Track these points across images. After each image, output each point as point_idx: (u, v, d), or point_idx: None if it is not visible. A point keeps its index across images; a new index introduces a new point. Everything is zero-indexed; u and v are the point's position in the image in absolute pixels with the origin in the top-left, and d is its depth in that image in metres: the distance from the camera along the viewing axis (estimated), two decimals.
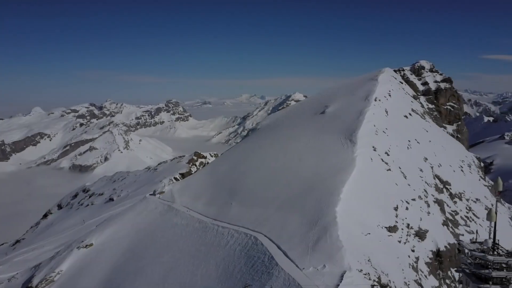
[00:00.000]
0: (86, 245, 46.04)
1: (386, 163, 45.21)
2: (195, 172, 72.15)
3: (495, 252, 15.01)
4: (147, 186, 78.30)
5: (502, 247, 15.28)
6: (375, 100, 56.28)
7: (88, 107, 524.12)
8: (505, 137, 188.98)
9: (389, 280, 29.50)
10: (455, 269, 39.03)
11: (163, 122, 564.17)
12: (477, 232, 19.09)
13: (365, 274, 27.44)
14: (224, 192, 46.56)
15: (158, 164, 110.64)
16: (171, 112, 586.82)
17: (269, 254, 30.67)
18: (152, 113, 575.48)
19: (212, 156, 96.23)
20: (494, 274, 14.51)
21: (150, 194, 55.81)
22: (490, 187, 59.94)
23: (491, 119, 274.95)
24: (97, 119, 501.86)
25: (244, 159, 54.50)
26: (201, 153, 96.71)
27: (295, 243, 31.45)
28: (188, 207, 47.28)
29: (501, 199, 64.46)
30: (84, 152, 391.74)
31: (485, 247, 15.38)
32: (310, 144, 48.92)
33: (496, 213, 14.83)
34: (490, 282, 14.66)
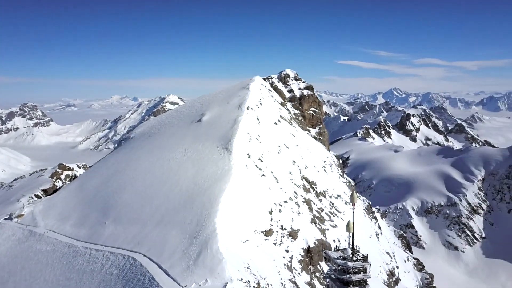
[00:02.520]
0: None
1: (260, 169, 47.81)
2: (60, 188, 65.33)
3: (354, 259, 17.37)
4: (0, 208, 67.95)
5: (359, 253, 17.74)
6: (248, 109, 59.01)
7: None
8: (358, 134, 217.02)
9: (267, 284, 31.38)
10: (326, 274, 43.36)
11: (17, 128, 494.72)
12: (339, 240, 21.70)
13: (245, 282, 28.70)
14: (97, 210, 43.32)
15: (14, 180, 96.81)
16: (28, 117, 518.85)
17: (150, 275, 29.71)
18: (3, 118, 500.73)
19: (80, 168, 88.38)
20: (354, 278, 16.87)
21: (5, 219, 48.58)
22: (347, 183, 68.30)
23: (346, 118, 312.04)
24: None
25: (117, 172, 51.45)
26: (67, 164, 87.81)
27: (176, 259, 31.11)
28: (55, 230, 42.72)
29: (356, 192, 73.96)
30: None
31: (346, 255, 17.68)
32: (188, 154, 48.79)
33: (353, 224, 17.13)
34: (351, 285, 16.97)
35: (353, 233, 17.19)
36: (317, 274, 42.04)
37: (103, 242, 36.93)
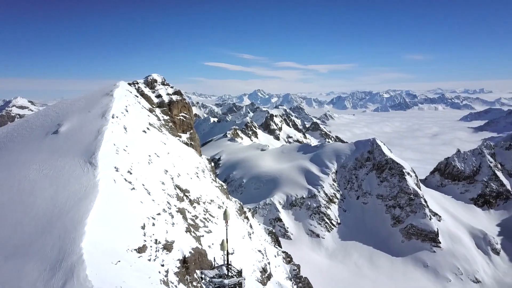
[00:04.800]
0: None
1: (130, 182, 45.60)
2: None
3: (229, 275, 18.07)
4: None
5: (234, 268, 18.49)
6: (113, 117, 55.59)
7: None
8: (227, 135, 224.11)
9: None
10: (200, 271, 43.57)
11: None
12: (214, 259, 22.17)
13: None
14: None
15: None
16: None
17: None
18: None
19: None
20: None
21: None
22: (220, 187, 69.98)
23: (216, 119, 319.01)
24: None
25: None
26: None
27: None
28: None
29: (229, 195, 76.38)
30: None
31: (221, 273, 18.26)
32: (44, 171, 43.61)
33: (227, 242, 17.76)
34: None
35: (227, 251, 17.83)
36: (194, 283, 42.14)
37: None
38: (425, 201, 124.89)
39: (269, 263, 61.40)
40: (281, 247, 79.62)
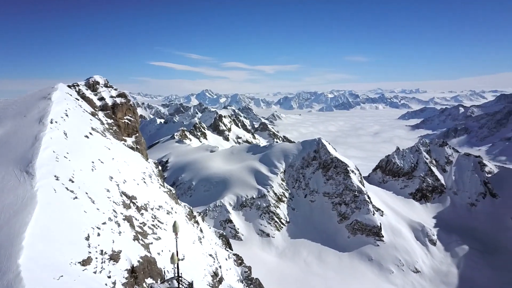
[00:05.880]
0: None
1: (72, 191, 43.26)
2: None
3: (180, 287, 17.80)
4: None
5: (185, 280, 18.21)
6: (51, 122, 52.41)
7: None
8: (175, 136, 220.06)
9: None
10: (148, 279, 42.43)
11: None
12: (164, 270, 21.70)
13: None
14: None
15: None
16: None
17: None
18: None
19: None
20: None
21: None
22: (168, 192, 68.54)
23: (162, 121, 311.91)
24: None
25: None
26: None
27: None
28: None
29: (178, 199, 75.09)
30: None
31: (172, 286, 17.93)
32: None
33: (177, 255, 17.44)
34: None
35: (178, 264, 17.53)
36: None
37: None
38: (369, 197, 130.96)
39: (220, 266, 61.11)
40: (232, 250, 79.64)
